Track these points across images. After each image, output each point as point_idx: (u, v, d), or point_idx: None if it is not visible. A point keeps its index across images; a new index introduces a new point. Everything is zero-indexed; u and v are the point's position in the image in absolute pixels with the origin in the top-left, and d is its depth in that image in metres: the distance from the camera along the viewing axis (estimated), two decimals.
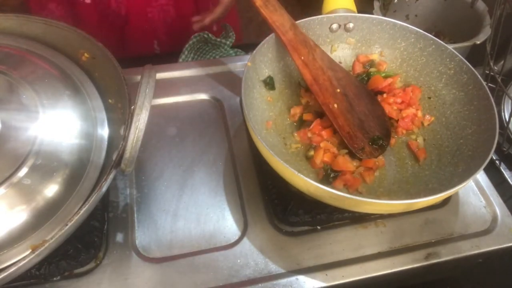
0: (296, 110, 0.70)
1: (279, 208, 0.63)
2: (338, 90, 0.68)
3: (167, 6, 0.97)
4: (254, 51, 0.66)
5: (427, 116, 0.70)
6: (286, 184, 0.58)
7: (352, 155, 0.65)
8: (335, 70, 0.69)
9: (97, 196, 0.49)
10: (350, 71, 0.74)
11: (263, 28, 0.70)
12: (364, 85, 0.71)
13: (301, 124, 0.70)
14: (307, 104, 0.71)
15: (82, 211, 0.47)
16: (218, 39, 0.90)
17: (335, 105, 0.67)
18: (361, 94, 0.69)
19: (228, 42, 0.92)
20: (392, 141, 0.68)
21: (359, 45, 0.75)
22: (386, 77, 0.73)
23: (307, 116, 0.69)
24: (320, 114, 0.69)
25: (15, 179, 0.49)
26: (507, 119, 0.76)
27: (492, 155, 0.56)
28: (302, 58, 0.66)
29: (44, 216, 0.50)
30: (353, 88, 0.69)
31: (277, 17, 0.65)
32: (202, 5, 1.01)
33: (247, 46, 0.94)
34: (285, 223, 0.63)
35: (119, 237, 0.61)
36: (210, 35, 0.89)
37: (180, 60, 0.89)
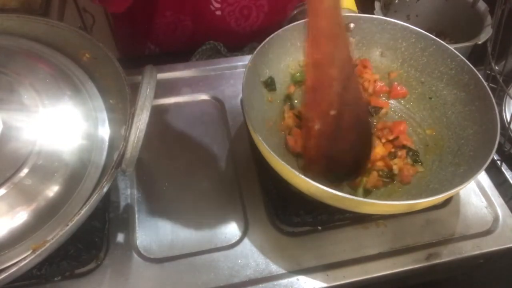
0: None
1: (280, 209, 0.63)
2: (333, 113, 0.53)
3: None
4: (255, 52, 0.66)
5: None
6: (287, 184, 0.58)
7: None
8: (348, 90, 0.52)
9: (98, 196, 0.49)
10: None
11: None
12: (369, 124, 0.59)
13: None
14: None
15: (83, 212, 0.47)
16: (229, 53, 0.90)
17: (317, 126, 0.54)
18: (359, 131, 0.56)
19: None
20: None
21: (360, 45, 0.75)
22: None
23: (292, 120, 0.67)
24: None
25: (16, 179, 0.49)
26: (509, 120, 0.75)
27: (494, 155, 0.56)
28: (317, 57, 0.51)
29: (45, 216, 0.50)
30: (353, 120, 0.55)
31: None
32: None
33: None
34: (286, 223, 0.63)
35: (120, 237, 0.61)
36: (222, 46, 0.89)
37: None
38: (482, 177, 0.69)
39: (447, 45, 0.69)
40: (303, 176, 0.52)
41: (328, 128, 0.54)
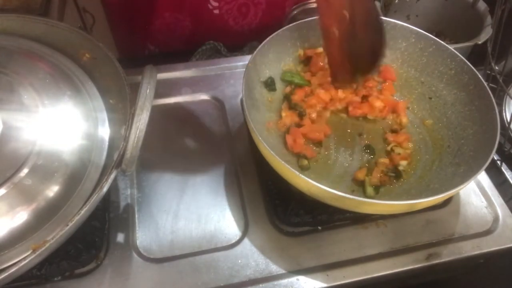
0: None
1: (280, 209, 0.63)
2: (346, 13, 0.58)
3: None
4: (255, 52, 0.66)
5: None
6: (287, 184, 0.58)
7: None
8: None
9: (98, 196, 0.49)
10: None
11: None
12: (379, 17, 0.63)
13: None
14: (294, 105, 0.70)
15: (83, 212, 0.47)
16: (229, 53, 0.90)
17: (336, 31, 0.59)
18: (371, 24, 0.61)
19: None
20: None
21: None
22: None
23: (289, 119, 0.68)
24: (300, 114, 0.68)
25: (16, 179, 0.49)
26: (509, 120, 0.75)
27: (494, 155, 0.56)
28: None
29: (45, 216, 0.50)
30: (365, 16, 0.60)
31: None
32: None
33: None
34: (286, 223, 0.63)
35: (120, 237, 0.61)
36: (222, 46, 0.89)
37: None
38: (482, 177, 0.70)
39: (447, 45, 0.69)
40: (303, 176, 0.52)
41: (345, 28, 0.59)
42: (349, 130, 0.70)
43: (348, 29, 0.59)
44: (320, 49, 0.74)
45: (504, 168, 0.75)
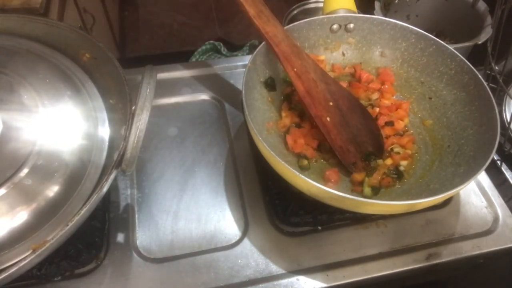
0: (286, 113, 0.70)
1: (280, 209, 0.63)
2: (331, 103, 0.66)
3: None
4: (255, 52, 0.66)
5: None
6: (287, 184, 0.58)
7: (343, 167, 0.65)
8: (328, 83, 0.67)
9: (98, 196, 0.49)
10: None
11: None
12: (357, 99, 0.69)
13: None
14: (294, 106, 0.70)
15: (83, 212, 0.47)
16: (229, 53, 0.90)
17: (328, 118, 0.65)
18: (355, 108, 0.68)
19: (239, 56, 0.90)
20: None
21: (360, 46, 0.75)
22: None
23: (289, 119, 0.68)
24: (300, 115, 0.69)
25: (16, 179, 0.49)
26: (509, 120, 0.75)
27: (494, 155, 0.56)
28: (295, 69, 0.65)
29: (45, 216, 0.50)
30: (346, 102, 0.68)
31: (270, 28, 0.64)
32: None
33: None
34: (286, 223, 0.63)
35: (120, 237, 0.61)
36: (222, 46, 0.89)
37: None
38: (482, 177, 0.70)
39: (447, 45, 0.69)
40: (303, 176, 0.52)
41: (336, 117, 0.66)
42: None
43: (338, 115, 0.67)
44: (322, 57, 0.74)
45: (504, 168, 0.75)
